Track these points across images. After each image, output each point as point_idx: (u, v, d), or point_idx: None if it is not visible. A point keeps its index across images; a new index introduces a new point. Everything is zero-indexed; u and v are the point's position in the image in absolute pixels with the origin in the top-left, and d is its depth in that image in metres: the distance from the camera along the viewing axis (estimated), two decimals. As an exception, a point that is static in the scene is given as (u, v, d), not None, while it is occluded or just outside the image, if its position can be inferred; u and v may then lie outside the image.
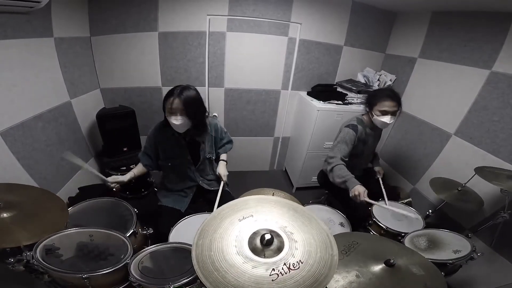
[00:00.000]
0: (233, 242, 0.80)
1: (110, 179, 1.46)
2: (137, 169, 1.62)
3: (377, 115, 1.68)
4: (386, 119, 1.66)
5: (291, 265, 0.75)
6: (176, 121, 1.39)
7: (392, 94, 1.67)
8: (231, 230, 0.84)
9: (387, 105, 1.64)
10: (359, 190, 1.47)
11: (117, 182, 1.47)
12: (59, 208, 1.13)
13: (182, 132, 1.51)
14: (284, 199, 0.98)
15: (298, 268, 0.75)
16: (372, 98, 1.73)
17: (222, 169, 1.69)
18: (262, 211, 0.91)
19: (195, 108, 1.40)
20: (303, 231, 0.85)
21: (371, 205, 1.55)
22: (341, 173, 1.59)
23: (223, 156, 1.77)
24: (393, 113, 1.66)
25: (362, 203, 1.49)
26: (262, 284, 0.69)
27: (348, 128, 1.75)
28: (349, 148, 1.72)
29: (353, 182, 1.53)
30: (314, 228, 0.87)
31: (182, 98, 1.35)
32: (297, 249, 0.80)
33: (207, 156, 1.64)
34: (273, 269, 0.73)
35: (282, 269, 0.74)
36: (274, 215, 0.90)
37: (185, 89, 1.39)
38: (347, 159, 1.71)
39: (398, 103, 1.66)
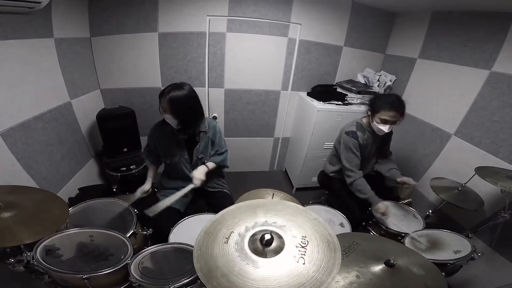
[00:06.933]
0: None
1: (138, 193, 1.60)
2: (151, 172, 1.72)
3: (377, 122, 1.66)
4: (385, 128, 1.64)
5: (301, 243, 0.79)
6: (166, 118, 1.46)
7: (398, 105, 1.61)
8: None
9: (389, 115, 1.60)
10: (382, 210, 1.57)
11: (144, 192, 1.63)
12: (60, 208, 1.13)
13: (180, 130, 1.53)
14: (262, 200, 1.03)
15: (307, 242, 0.79)
16: (377, 103, 1.66)
17: (198, 172, 1.55)
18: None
19: (181, 108, 1.43)
20: (283, 216, 0.90)
21: (368, 208, 1.67)
22: (362, 189, 1.68)
23: (209, 164, 1.64)
24: (393, 123, 1.64)
25: (359, 206, 1.63)
26: (300, 273, 0.72)
27: (348, 136, 1.75)
28: (358, 156, 1.74)
29: (375, 200, 1.62)
30: (288, 208, 0.95)
31: (167, 98, 1.39)
32: (291, 230, 0.84)
33: (199, 157, 1.63)
34: (294, 256, 0.76)
35: (300, 251, 0.77)
36: (262, 215, 0.91)
37: (175, 89, 1.41)
38: (360, 169, 1.76)
39: (401, 113, 1.63)
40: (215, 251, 0.78)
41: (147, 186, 1.65)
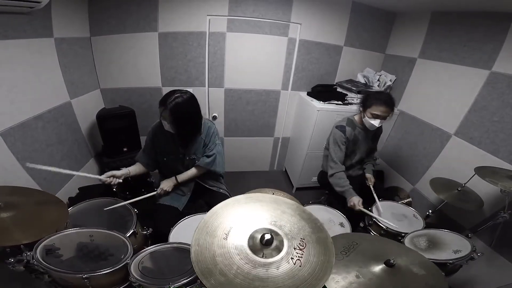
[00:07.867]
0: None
1: (103, 176, 1.47)
2: (134, 168, 1.64)
3: (368, 117, 1.73)
4: (376, 122, 1.71)
5: (299, 245, 0.80)
6: (165, 125, 1.47)
7: (388, 100, 1.69)
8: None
9: (380, 110, 1.68)
10: (354, 201, 1.65)
11: (112, 176, 1.49)
12: (59, 208, 1.13)
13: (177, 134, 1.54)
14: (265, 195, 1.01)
15: (305, 246, 0.79)
16: (368, 99, 1.74)
17: (165, 183, 1.61)
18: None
19: (181, 119, 1.44)
20: (286, 218, 0.90)
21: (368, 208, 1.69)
22: (340, 183, 1.75)
23: (180, 177, 1.63)
24: (383, 118, 1.71)
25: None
26: (295, 275, 0.72)
27: (336, 129, 1.83)
28: (342, 150, 1.81)
29: (350, 194, 1.69)
30: (288, 208, 0.95)
31: (167, 110, 1.38)
32: (290, 230, 0.85)
33: (190, 157, 1.63)
34: (292, 258, 0.76)
35: (297, 253, 0.77)
36: (262, 214, 0.91)
37: (176, 99, 1.39)
38: (343, 165, 1.81)
39: (392, 109, 1.71)
40: (214, 248, 0.78)
41: (118, 172, 1.53)
